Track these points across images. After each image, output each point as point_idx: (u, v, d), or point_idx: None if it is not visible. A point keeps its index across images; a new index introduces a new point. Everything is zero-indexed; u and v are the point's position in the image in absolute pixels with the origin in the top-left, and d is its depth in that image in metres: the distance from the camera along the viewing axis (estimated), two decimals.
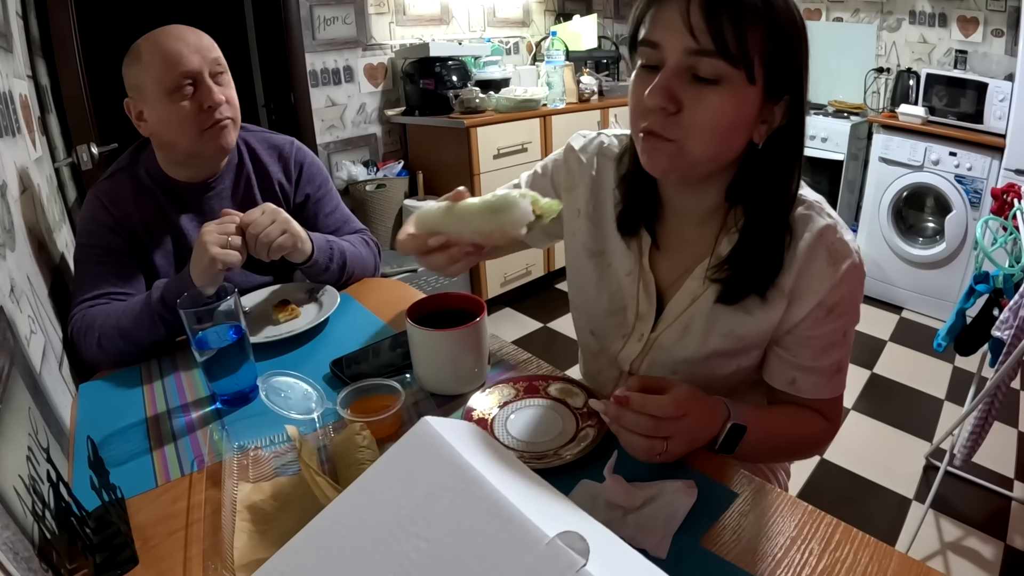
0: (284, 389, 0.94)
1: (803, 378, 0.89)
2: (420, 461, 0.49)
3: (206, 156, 1.25)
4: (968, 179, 2.99)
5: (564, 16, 4.01)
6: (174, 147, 1.22)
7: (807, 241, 0.82)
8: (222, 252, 1.05)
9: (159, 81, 1.14)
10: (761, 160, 0.81)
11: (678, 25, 0.71)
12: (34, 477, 0.72)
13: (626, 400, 0.72)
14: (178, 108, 1.16)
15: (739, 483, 0.77)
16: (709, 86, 0.73)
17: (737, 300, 0.86)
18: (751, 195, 0.83)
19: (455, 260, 0.83)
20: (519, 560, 0.40)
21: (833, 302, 0.83)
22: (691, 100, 0.73)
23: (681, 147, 0.76)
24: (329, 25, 3.06)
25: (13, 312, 0.87)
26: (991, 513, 1.97)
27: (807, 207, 0.85)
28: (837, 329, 0.86)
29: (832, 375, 0.88)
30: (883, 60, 3.71)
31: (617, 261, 0.97)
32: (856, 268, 0.83)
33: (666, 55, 0.73)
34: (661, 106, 0.74)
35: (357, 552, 0.47)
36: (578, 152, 1.01)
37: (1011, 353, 1.62)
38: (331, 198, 1.46)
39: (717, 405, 0.80)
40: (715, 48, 0.70)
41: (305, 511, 0.71)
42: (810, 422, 0.91)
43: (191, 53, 1.15)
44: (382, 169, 3.29)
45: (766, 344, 0.91)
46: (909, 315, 3.33)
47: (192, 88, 1.16)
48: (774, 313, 0.85)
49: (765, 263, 0.83)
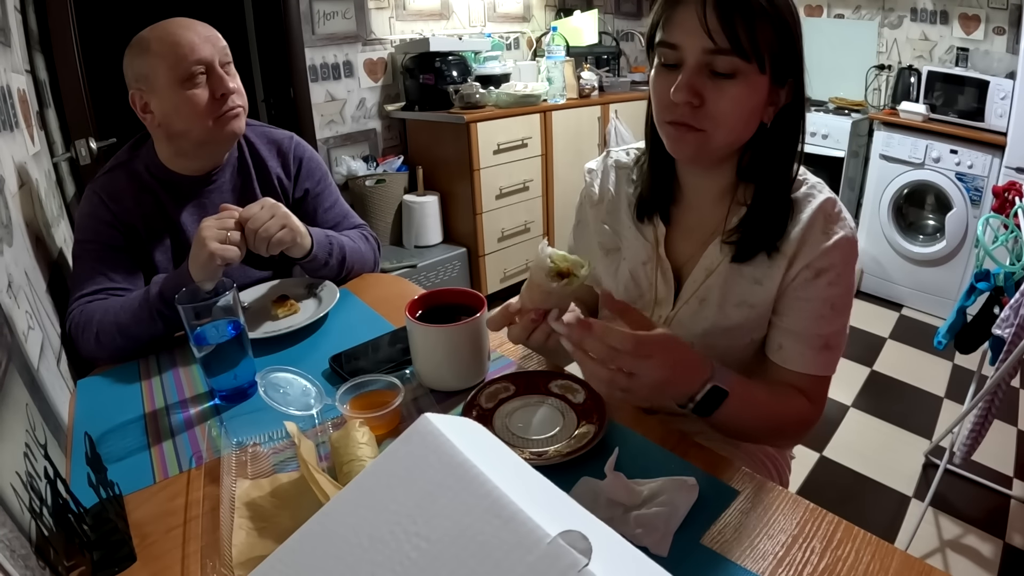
0: (283, 385, 0.94)
1: (789, 345, 0.92)
2: (420, 458, 0.48)
3: (217, 144, 1.25)
4: (969, 177, 2.98)
5: (565, 11, 3.99)
6: (184, 137, 1.21)
7: (808, 212, 0.90)
8: (221, 247, 1.05)
9: (171, 69, 1.14)
10: (769, 137, 0.89)
11: (696, 27, 0.79)
12: (31, 473, 0.72)
13: (588, 325, 0.73)
14: (191, 96, 1.16)
15: (740, 481, 0.77)
16: (727, 80, 0.81)
17: (749, 258, 0.91)
18: (761, 170, 0.91)
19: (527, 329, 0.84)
20: (520, 559, 0.40)
21: (821, 266, 0.88)
22: (712, 93, 0.82)
23: (708, 136, 0.85)
24: (329, 20, 3.05)
25: (11, 308, 0.87)
26: (990, 511, 1.97)
27: (810, 186, 0.93)
28: (825, 299, 0.89)
29: (819, 350, 0.91)
30: (884, 57, 3.70)
31: (631, 253, 1.02)
32: (848, 240, 0.89)
33: (685, 55, 0.82)
34: (687, 101, 0.82)
35: (356, 550, 0.46)
36: (594, 169, 1.10)
37: (1011, 351, 1.62)
38: (330, 193, 1.46)
39: (700, 363, 0.80)
40: (730, 47, 0.78)
41: (304, 508, 0.71)
42: (793, 399, 0.92)
43: (202, 42, 1.16)
44: (382, 164, 3.28)
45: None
46: (909, 312, 3.33)
47: (204, 76, 1.17)
48: (777, 276, 0.91)
49: (772, 223, 0.90)
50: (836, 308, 0.90)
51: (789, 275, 0.90)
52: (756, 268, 0.92)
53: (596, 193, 1.08)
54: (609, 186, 1.07)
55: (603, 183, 1.08)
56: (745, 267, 0.93)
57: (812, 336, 0.91)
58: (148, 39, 1.15)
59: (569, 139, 3.40)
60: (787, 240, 0.90)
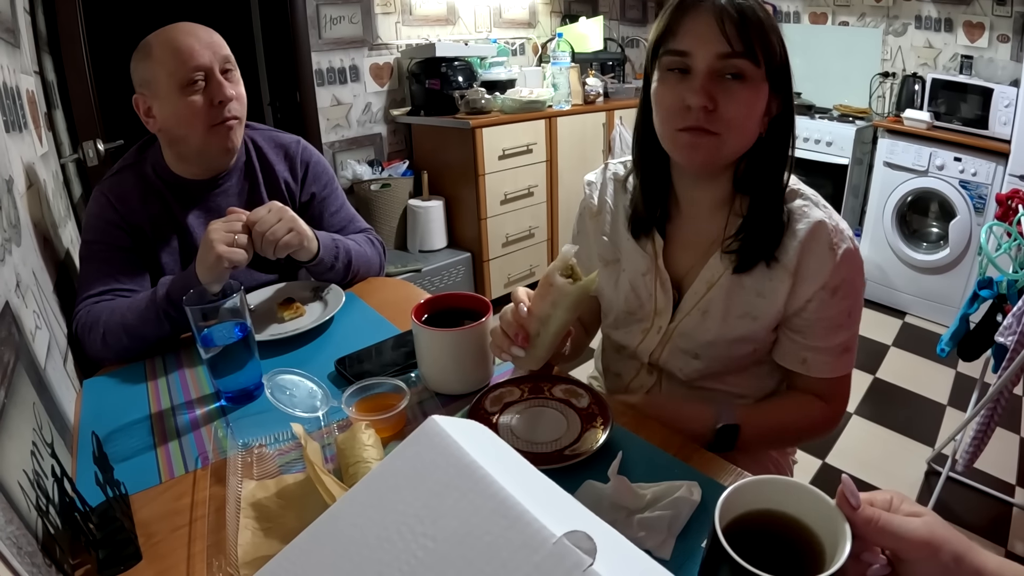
0: (289, 387, 0.94)
1: (813, 358, 0.96)
2: (427, 460, 0.49)
3: (212, 154, 1.25)
4: (973, 184, 2.98)
5: (570, 17, 4.01)
6: (184, 142, 1.22)
7: (806, 228, 0.91)
8: (228, 250, 1.06)
9: (171, 75, 1.15)
10: (764, 147, 0.92)
11: (708, 33, 0.83)
12: (38, 472, 0.73)
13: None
14: (189, 102, 1.16)
15: None
16: (736, 83, 0.85)
17: (749, 268, 0.94)
18: (756, 180, 0.93)
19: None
20: (526, 559, 0.40)
21: (835, 284, 0.91)
22: (723, 97, 0.85)
23: (722, 139, 0.87)
24: (335, 24, 3.06)
25: (19, 307, 0.87)
26: (992, 519, 1.96)
27: (805, 198, 0.95)
28: (842, 311, 0.93)
29: (840, 354, 0.96)
30: (888, 65, 3.71)
31: (631, 265, 1.04)
32: (852, 252, 0.92)
33: (695, 61, 0.85)
34: (703, 104, 0.84)
35: (363, 550, 0.47)
36: (593, 182, 1.12)
37: (1014, 359, 1.62)
38: (336, 197, 1.46)
39: (697, 411, 0.95)
40: (744, 50, 0.83)
41: (309, 509, 0.71)
42: (807, 407, 0.99)
43: (203, 48, 1.16)
44: (387, 169, 3.29)
45: (777, 325, 0.97)
46: (912, 320, 3.32)
47: (204, 83, 1.17)
48: (781, 291, 0.93)
49: (769, 232, 0.92)
50: (852, 315, 0.95)
51: (799, 295, 0.92)
52: (757, 280, 0.94)
53: (595, 205, 1.09)
54: (607, 198, 1.08)
55: (601, 195, 1.09)
56: (746, 279, 0.94)
57: (834, 346, 0.95)
58: (151, 44, 1.16)
59: (574, 145, 3.40)
60: (785, 252, 0.92)
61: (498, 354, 0.94)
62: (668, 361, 1.03)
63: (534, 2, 3.88)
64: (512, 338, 0.88)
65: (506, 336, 0.90)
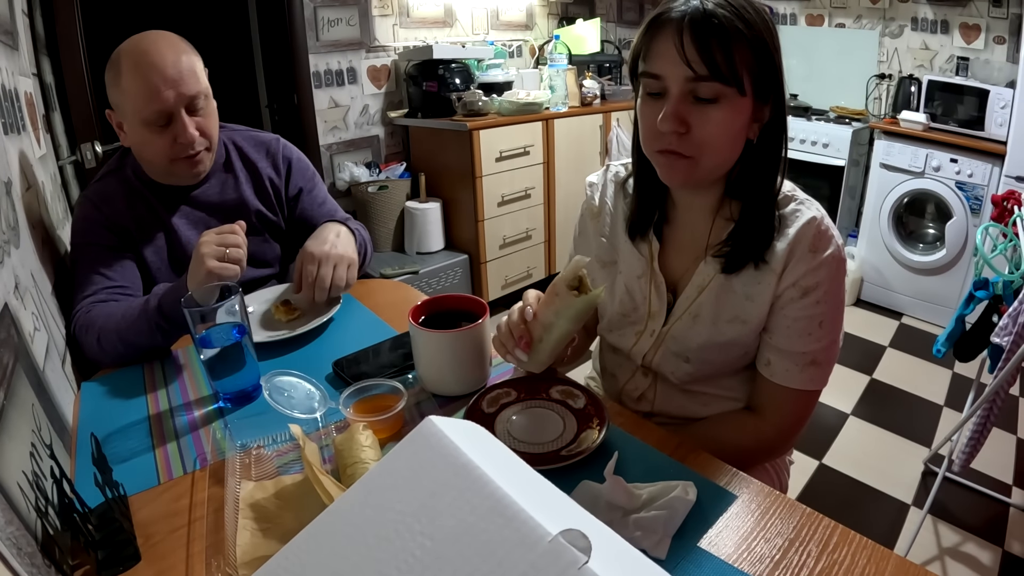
0: (287, 388, 0.94)
1: (777, 361, 0.94)
2: (424, 460, 0.49)
3: (179, 177, 1.28)
4: (969, 186, 3.00)
5: (567, 20, 4.02)
6: (151, 165, 1.25)
7: (795, 227, 0.90)
8: (219, 266, 1.04)
9: (136, 111, 1.16)
10: (756, 152, 0.90)
11: (675, 57, 0.81)
12: (37, 473, 0.73)
13: None
14: (152, 138, 1.18)
15: (738, 485, 0.78)
16: (710, 105, 0.82)
17: (736, 269, 0.92)
18: (748, 185, 0.91)
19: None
20: (522, 557, 0.41)
21: (808, 284, 0.89)
22: (697, 120, 0.83)
23: (696, 162, 0.86)
24: (333, 26, 3.06)
25: (17, 309, 0.88)
26: (989, 519, 1.97)
27: (799, 203, 0.93)
28: (812, 317, 0.90)
29: (805, 366, 0.93)
30: (885, 66, 3.72)
31: (627, 267, 1.04)
32: (835, 258, 0.89)
33: (668, 84, 0.83)
34: (673, 129, 0.83)
35: (361, 549, 0.47)
36: (594, 183, 1.11)
37: (1010, 359, 1.62)
38: (320, 189, 1.51)
39: None
40: (709, 73, 0.80)
41: (307, 509, 0.72)
42: (738, 429, 0.99)
43: (167, 88, 1.15)
44: (384, 171, 3.30)
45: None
46: (909, 321, 3.33)
47: (167, 123, 1.18)
48: (767, 293, 0.91)
49: (759, 235, 0.91)
50: (824, 325, 0.91)
51: (777, 292, 0.91)
52: (746, 284, 0.93)
53: (596, 206, 1.09)
54: (607, 200, 1.08)
55: (602, 196, 1.09)
56: (736, 283, 0.93)
57: (798, 353, 0.92)
58: (120, 68, 1.15)
59: (571, 147, 3.41)
60: (774, 254, 0.90)
61: (501, 354, 0.95)
62: (660, 364, 1.03)
63: (531, 4, 3.89)
64: (516, 341, 0.89)
65: (511, 336, 0.90)
